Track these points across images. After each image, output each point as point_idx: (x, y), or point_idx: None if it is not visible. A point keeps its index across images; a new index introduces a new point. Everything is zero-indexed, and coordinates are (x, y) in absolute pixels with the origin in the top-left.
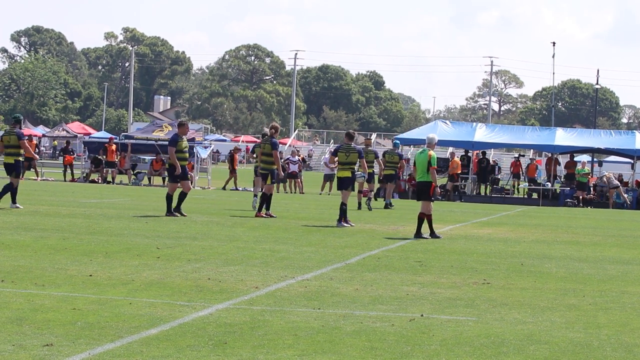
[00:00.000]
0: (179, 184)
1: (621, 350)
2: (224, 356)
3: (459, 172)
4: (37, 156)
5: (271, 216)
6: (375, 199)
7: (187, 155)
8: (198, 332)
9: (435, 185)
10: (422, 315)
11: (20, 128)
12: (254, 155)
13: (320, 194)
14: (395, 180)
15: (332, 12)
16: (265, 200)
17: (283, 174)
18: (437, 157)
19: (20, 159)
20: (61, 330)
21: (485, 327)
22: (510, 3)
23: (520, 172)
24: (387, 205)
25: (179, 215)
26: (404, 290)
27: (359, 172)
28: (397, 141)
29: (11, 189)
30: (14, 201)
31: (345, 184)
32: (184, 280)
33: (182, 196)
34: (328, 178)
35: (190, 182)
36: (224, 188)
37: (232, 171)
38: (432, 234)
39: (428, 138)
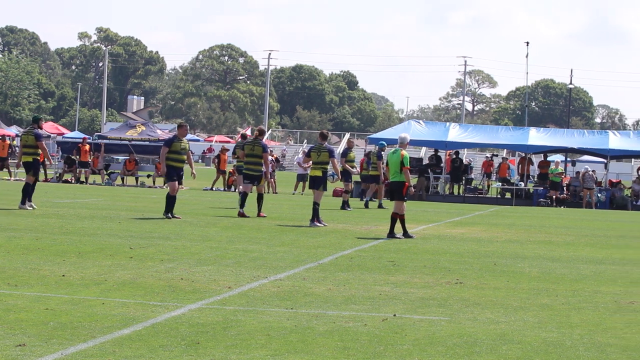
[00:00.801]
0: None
1: (594, 350)
2: (197, 356)
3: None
4: (51, 160)
5: (262, 216)
6: (361, 199)
7: (184, 157)
8: (171, 332)
9: (409, 185)
10: (394, 315)
11: (40, 128)
12: (236, 156)
13: (294, 193)
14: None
15: (304, 11)
16: (260, 200)
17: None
18: (410, 157)
19: (38, 157)
20: (34, 330)
21: (458, 326)
22: (482, 3)
23: (492, 172)
24: (366, 205)
25: (172, 217)
26: (376, 290)
27: (331, 172)
28: (383, 142)
29: (29, 188)
30: (26, 200)
31: (317, 184)
32: (157, 280)
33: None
34: (301, 178)
35: (178, 184)
36: (211, 188)
37: (220, 171)
38: (405, 234)
39: (400, 138)
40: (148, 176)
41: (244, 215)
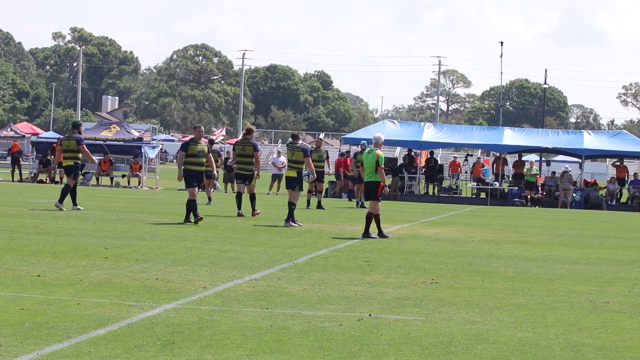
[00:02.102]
0: (198, 188)
1: (569, 350)
2: (172, 356)
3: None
4: (95, 160)
5: (257, 213)
6: (350, 200)
7: (203, 160)
8: (146, 332)
9: (384, 185)
10: (370, 315)
11: (80, 133)
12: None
13: (268, 193)
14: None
15: (279, 11)
16: (252, 199)
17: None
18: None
19: (79, 161)
20: (9, 331)
21: (434, 326)
22: (456, 3)
23: (459, 172)
24: (361, 205)
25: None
26: (352, 290)
27: (306, 171)
28: (365, 142)
29: (69, 190)
30: (74, 203)
31: (292, 184)
32: (132, 281)
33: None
34: (276, 178)
35: (197, 189)
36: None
37: None
38: (380, 234)
39: (375, 137)
40: (123, 176)
41: (242, 215)
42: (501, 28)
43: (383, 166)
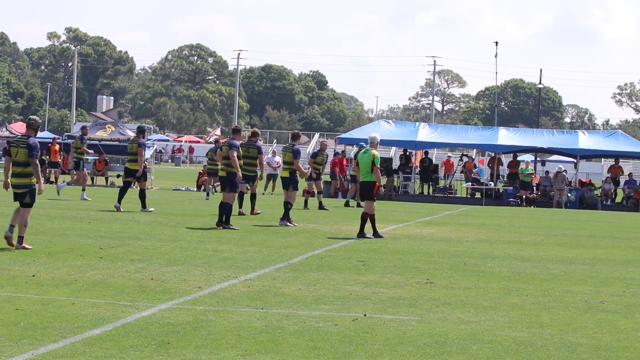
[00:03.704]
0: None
1: (564, 350)
2: (167, 356)
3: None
4: (145, 163)
5: (257, 213)
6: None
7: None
8: (141, 332)
9: (379, 185)
10: (365, 315)
11: (144, 138)
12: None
13: (263, 193)
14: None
15: (274, 11)
16: (253, 199)
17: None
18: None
19: (144, 165)
20: (4, 331)
21: (429, 326)
22: (448, 3)
23: (454, 172)
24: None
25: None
26: (347, 290)
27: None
28: (363, 143)
29: (144, 193)
30: (144, 206)
31: (285, 184)
32: (127, 281)
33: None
34: (271, 177)
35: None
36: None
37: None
38: (375, 234)
39: (370, 137)
40: (118, 176)
41: (243, 214)
42: (495, 28)
43: (379, 166)
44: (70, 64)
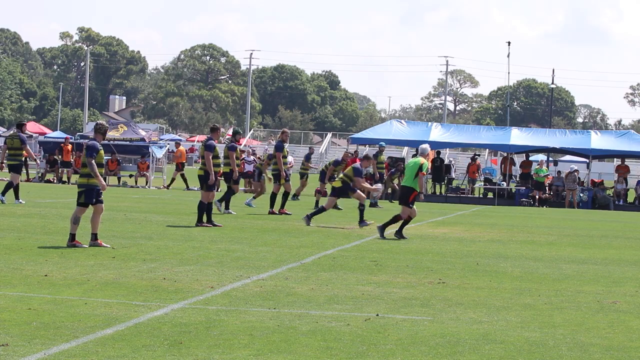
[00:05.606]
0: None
1: (577, 350)
2: (180, 356)
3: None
4: (236, 170)
5: (286, 213)
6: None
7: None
8: (153, 332)
9: (418, 193)
10: (377, 315)
11: (238, 142)
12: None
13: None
14: (383, 181)
15: (286, 11)
16: (273, 199)
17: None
18: (390, 156)
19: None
20: (16, 331)
21: (441, 326)
22: (458, 2)
23: (477, 177)
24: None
25: (210, 225)
26: (359, 289)
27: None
28: (383, 143)
29: (229, 196)
30: (227, 207)
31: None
32: (140, 280)
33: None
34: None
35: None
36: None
37: None
38: (398, 233)
39: (421, 148)
40: (130, 176)
41: (274, 213)
42: (507, 28)
43: (425, 172)
44: (82, 64)
